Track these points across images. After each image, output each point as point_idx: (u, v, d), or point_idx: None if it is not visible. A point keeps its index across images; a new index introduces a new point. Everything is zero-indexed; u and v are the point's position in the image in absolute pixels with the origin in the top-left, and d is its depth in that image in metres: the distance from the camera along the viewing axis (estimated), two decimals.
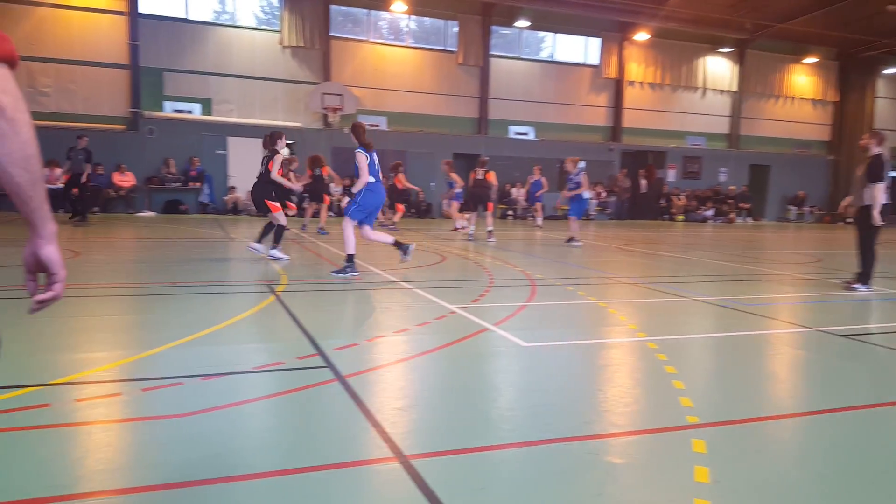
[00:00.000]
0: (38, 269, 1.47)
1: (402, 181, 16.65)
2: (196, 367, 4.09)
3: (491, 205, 14.33)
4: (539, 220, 19.70)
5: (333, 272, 8.04)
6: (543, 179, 19.00)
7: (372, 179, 7.99)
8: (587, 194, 13.93)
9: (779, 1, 23.90)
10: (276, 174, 9.44)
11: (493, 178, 14.46)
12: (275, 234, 9.51)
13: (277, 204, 9.44)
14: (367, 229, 8.22)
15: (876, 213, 7.87)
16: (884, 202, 7.89)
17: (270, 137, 9.69)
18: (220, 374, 3.95)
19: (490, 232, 13.76)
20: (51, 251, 1.44)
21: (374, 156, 8.16)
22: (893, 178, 8.04)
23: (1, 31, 1.26)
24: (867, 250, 8.09)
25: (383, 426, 3.16)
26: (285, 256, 9.42)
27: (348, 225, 8.09)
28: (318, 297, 7.02)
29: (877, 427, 3.54)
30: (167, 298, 6.65)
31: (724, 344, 5.45)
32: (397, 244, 8.26)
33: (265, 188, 9.53)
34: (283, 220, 9.45)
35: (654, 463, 2.91)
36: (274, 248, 9.41)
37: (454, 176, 15.85)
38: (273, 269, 8.48)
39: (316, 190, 14.60)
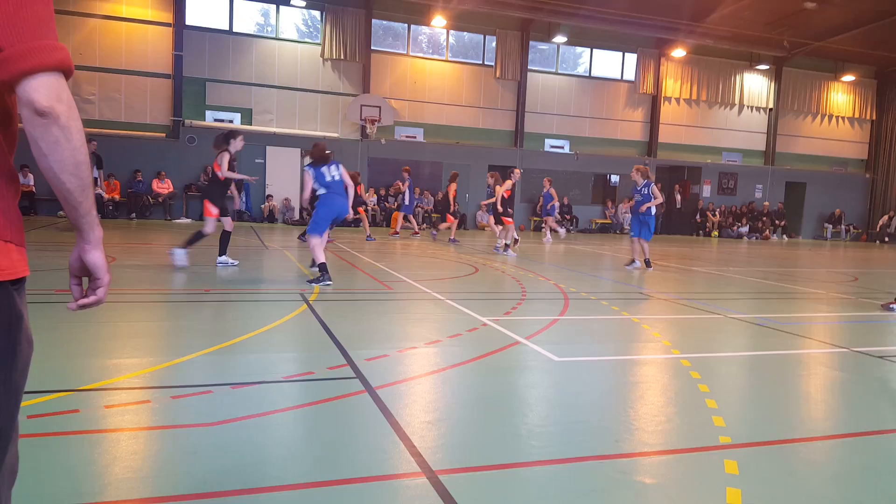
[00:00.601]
0: (82, 273, 1.50)
1: (452, 191, 16.69)
2: (226, 376, 4.13)
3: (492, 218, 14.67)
4: (550, 236, 18.95)
5: (309, 281, 8.10)
6: (553, 191, 18.42)
7: (323, 191, 8.33)
8: (653, 209, 11.69)
9: (816, 19, 23.55)
10: (225, 173, 9.19)
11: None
12: (220, 240, 9.44)
13: (214, 209, 9.11)
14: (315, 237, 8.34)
15: None
16: None
17: (224, 137, 9.39)
18: (250, 383, 3.98)
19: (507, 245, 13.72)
20: (96, 256, 1.47)
21: (333, 168, 8.47)
22: None
23: (58, 41, 1.30)
24: None
25: (412, 440, 3.15)
26: (233, 262, 9.49)
27: (313, 238, 8.30)
28: (350, 306, 7.05)
29: None
30: (199, 305, 6.74)
31: (758, 363, 5.33)
32: (321, 266, 8.09)
33: (207, 190, 9.68)
34: (210, 227, 9.14)
35: (686, 484, 2.85)
36: (222, 254, 9.46)
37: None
38: (307, 278, 8.54)
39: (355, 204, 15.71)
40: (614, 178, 26.87)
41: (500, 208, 13.62)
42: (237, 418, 3.35)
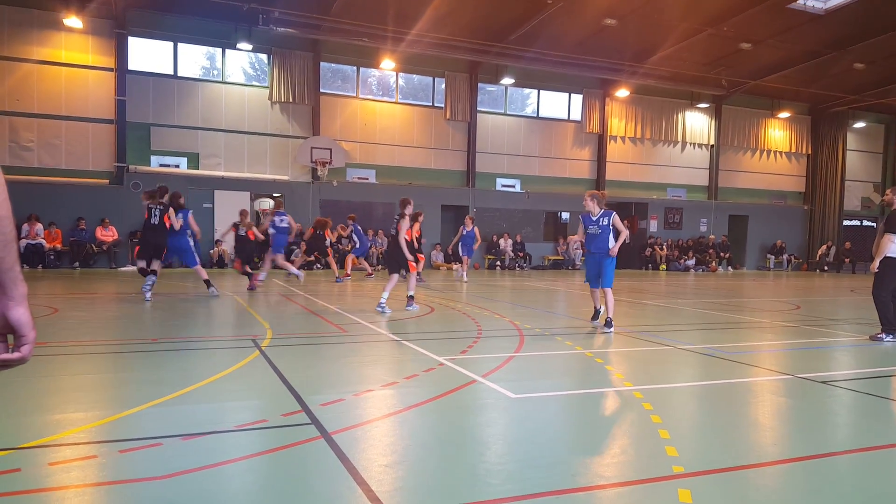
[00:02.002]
0: (6, 330, 1.42)
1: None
2: (176, 427, 4.01)
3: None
4: (463, 274, 18.24)
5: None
6: (476, 230, 18.09)
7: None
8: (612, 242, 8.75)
9: (752, 59, 24.77)
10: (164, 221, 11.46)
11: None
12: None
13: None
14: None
15: (876, 262, 8.03)
16: (891, 254, 8.02)
17: (159, 191, 11.85)
18: (201, 433, 3.88)
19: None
20: (21, 313, 1.40)
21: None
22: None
23: None
24: (886, 301, 8.15)
25: (369, 484, 3.11)
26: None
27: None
28: (304, 351, 6.96)
29: (858, 471, 3.54)
30: (148, 356, 6.56)
31: (707, 392, 5.45)
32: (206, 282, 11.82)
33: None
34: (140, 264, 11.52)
35: None
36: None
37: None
38: (259, 324, 8.41)
39: (315, 247, 16.90)
40: (565, 216, 27.38)
41: (406, 253, 10.18)
42: (189, 470, 3.26)
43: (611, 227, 8.67)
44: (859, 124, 31.62)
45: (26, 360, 1.45)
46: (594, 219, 8.81)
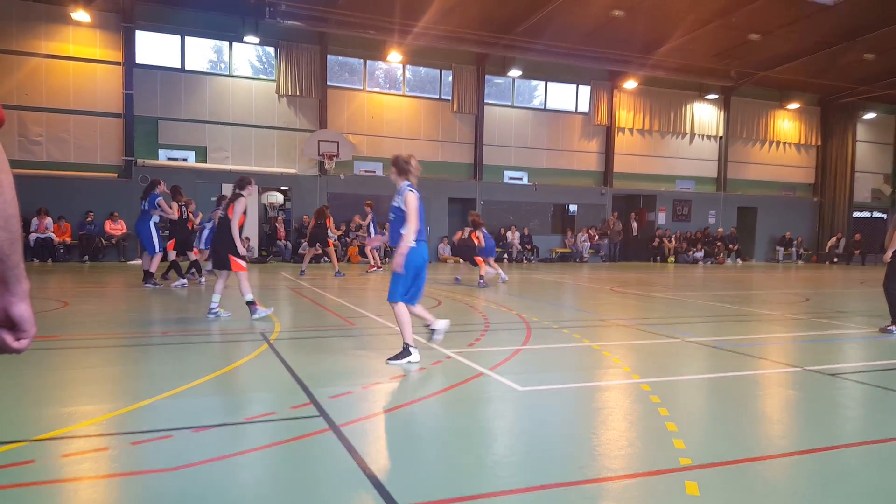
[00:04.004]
0: (7, 324, 1.44)
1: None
2: (186, 419, 4.05)
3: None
4: (374, 266, 17.46)
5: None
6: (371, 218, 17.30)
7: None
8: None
9: (761, 50, 24.57)
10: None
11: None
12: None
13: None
14: None
15: (888, 252, 8.01)
16: None
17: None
18: (212, 425, 3.91)
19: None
20: (23, 309, 1.42)
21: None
22: None
23: None
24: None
25: (377, 476, 3.13)
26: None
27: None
28: (313, 344, 6.99)
29: (867, 465, 3.53)
30: (157, 349, 6.61)
31: (715, 385, 5.45)
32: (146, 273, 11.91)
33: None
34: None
35: None
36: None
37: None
38: (268, 318, 8.44)
39: (318, 237, 16.18)
40: (572, 208, 27.32)
41: (238, 245, 8.44)
42: (199, 462, 3.29)
43: (402, 210, 5.81)
44: (869, 115, 31.31)
45: (21, 353, 1.48)
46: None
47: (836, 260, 29.04)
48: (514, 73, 24.88)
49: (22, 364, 5.11)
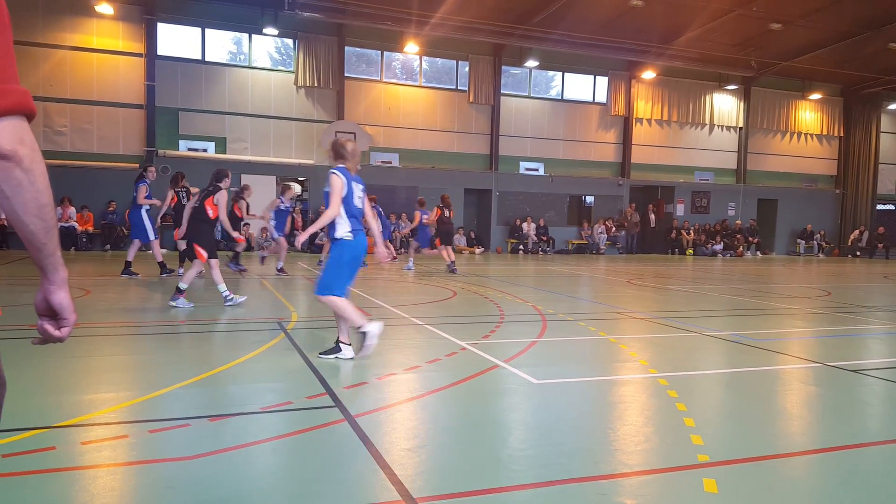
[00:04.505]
0: (48, 313, 1.47)
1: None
2: (203, 408, 4.09)
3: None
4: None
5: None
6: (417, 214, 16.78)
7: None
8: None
9: (782, 40, 24.21)
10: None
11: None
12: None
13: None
14: None
15: None
16: None
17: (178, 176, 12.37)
18: (228, 414, 3.95)
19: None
20: (62, 296, 1.45)
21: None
22: None
23: (20, 85, 1.29)
24: None
25: (392, 468, 3.14)
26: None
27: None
28: (328, 334, 7.01)
29: (889, 463, 3.48)
30: (175, 338, 6.67)
31: (734, 380, 5.39)
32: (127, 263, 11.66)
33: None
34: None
35: (665, 503, 2.88)
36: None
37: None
38: (285, 307, 8.49)
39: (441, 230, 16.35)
40: (589, 199, 27.18)
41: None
42: (216, 451, 3.32)
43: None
44: (893, 106, 30.75)
45: (63, 341, 1.51)
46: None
47: (858, 254, 28.65)
48: (531, 63, 24.76)
49: (44, 352, 5.18)
